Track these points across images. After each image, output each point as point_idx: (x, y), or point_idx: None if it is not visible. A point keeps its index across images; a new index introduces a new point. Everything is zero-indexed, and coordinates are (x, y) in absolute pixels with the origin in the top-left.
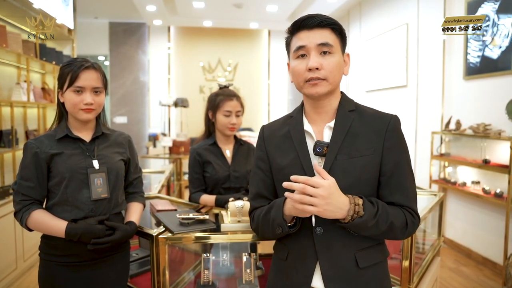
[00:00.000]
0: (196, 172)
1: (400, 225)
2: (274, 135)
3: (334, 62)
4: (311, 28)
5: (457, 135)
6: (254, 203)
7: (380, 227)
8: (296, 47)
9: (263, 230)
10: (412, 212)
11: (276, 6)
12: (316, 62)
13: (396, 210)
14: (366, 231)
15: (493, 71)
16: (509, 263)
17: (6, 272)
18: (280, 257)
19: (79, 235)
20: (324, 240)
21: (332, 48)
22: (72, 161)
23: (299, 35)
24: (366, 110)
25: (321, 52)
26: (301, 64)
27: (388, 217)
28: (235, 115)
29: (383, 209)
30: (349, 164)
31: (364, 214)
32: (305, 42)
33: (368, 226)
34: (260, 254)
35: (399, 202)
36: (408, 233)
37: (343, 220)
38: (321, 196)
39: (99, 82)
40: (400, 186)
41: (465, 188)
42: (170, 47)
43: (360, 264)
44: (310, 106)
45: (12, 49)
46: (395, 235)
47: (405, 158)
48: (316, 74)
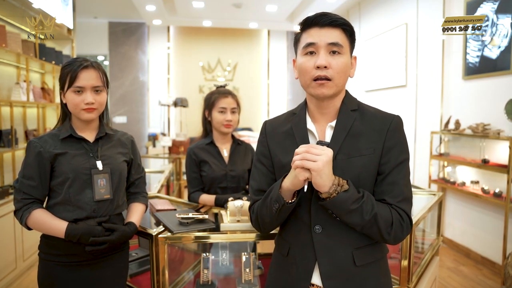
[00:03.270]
0: (194, 171)
1: (385, 221)
2: (276, 131)
3: (343, 62)
4: (322, 26)
5: (456, 135)
6: (255, 197)
7: (363, 215)
8: (305, 43)
9: (262, 216)
10: (401, 213)
11: (275, 6)
12: (324, 60)
13: (383, 206)
14: (348, 215)
15: (492, 71)
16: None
17: (6, 272)
18: (282, 253)
19: (79, 236)
20: (323, 238)
21: (342, 49)
22: (76, 161)
23: (309, 32)
24: (369, 109)
25: (331, 51)
26: (309, 61)
27: (373, 208)
28: (230, 111)
29: (368, 198)
30: (348, 163)
31: (348, 189)
32: (315, 40)
33: (350, 208)
34: (259, 253)
35: (389, 201)
36: (394, 234)
37: (327, 193)
38: (322, 159)
39: (99, 81)
40: (393, 185)
41: (464, 187)
42: (169, 47)
43: (357, 262)
44: (314, 106)
45: (12, 49)
46: (380, 230)
47: (404, 159)
48: (324, 72)
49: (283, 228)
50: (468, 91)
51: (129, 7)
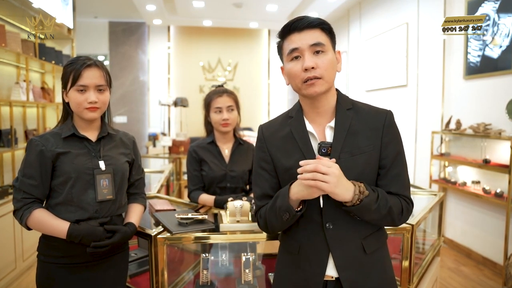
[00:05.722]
0: (194, 169)
1: (397, 211)
2: (274, 136)
3: (328, 60)
4: (301, 30)
5: (457, 134)
6: (260, 203)
7: (381, 210)
8: (289, 49)
9: (271, 222)
10: (407, 200)
11: (275, 5)
12: (311, 61)
13: (393, 197)
14: (369, 214)
15: (494, 70)
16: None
17: (5, 272)
18: (291, 251)
19: (81, 237)
20: (334, 233)
21: (325, 47)
22: (78, 161)
23: (290, 38)
24: (362, 107)
25: (314, 51)
26: (296, 65)
27: (387, 202)
28: (226, 110)
29: (382, 194)
30: (352, 161)
31: (369, 194)
32: (297, 44)
33: (372, 209)
34: (259, 254)
35: (396, 192)
36: (403, 219)
37: (350, 202)
38: (334, 173)
39: (102, 80)
40: (397, 177)
41: (465, 188)
42: (169, 47)
43: (367, 250)
44: (309, 106)
45: (11, 49)
46: (393, 219)
47: (401, 150)
48: (313, 73)
49: (290, 228)
50: (469, 91)
51: (129, 7)
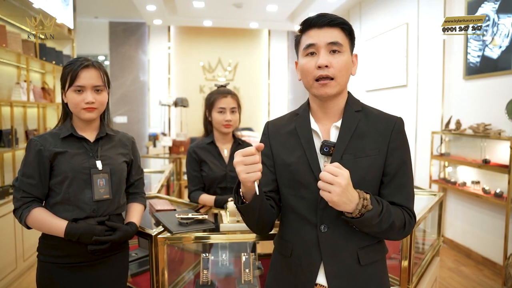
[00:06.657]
0: (194, 169)
1: (399, 225)
2: (279, 132)
3: (343, 61)
4: (321, 26)
5: (457, 135)
6: None
7: (382, 225)
8: (306, 45)
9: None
10: (410, 213)
11: (276, 5)
12: (325, 59)
13: (397, 210)
14: (369, 228)
15: (493, 70)
16: (508, 263)
17: (6, 272)
18: (284, 254)
19: (79, 235)
20: (328, 237)
21: (342, 47)
22: (75, 160)
23: (309, 33)
24: (372, 111)
25: (331, 50)
26: (310, 62)
27: (391, 217)
28: (229, 111)
29: (387, 208)
30: (355, 164)
31: (372, 209)
32: (315, 40)
33: (373, 223)
34: (259, 254)
35: (400, 203)
36: (404, 234)
37: (351, 214)
38: (338, 183)
39: (99, 81)
40: (401, 187)
41: (465, 188)
42: (170, 47)
43: (362, 261)
44: (317, 106)
45: (12, 49)
46: (394, 234)
47: (408, 160)
48: (326, 72)
49: (284, 229)
50: (469, 91)
51: (129, 7)
